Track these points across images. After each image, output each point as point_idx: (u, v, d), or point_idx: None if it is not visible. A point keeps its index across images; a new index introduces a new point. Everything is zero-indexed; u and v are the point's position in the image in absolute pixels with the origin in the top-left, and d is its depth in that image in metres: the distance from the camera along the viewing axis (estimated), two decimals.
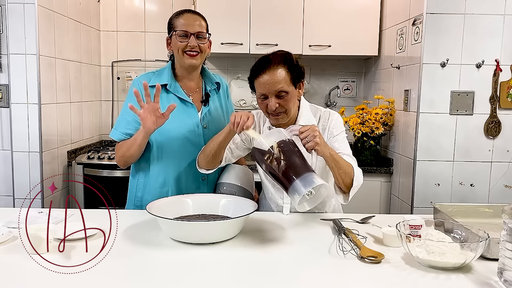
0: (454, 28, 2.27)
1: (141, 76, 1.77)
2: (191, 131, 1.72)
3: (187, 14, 1.70)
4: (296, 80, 1.57)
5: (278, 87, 1.51)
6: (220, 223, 1.36)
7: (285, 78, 1.52)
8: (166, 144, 1.71)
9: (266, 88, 1.52)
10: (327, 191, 1.37)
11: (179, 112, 1.68)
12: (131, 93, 1.66)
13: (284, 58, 1.55)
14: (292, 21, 2.90)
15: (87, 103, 3.09)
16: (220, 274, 1.14)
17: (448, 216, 1.46)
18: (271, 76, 1.51)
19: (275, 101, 1.53)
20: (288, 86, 1.53)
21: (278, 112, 1.55)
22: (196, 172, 1.71)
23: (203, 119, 1.74)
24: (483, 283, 1.09)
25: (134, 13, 3.24)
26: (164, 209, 1.42)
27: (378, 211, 2.74)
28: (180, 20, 1.68)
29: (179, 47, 1.67)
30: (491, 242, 1.20)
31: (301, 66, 1.60)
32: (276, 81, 1.51)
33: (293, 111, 1.61)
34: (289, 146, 1.37)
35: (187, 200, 1.57)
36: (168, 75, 1.73)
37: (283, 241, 1.39)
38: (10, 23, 2.34)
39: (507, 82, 2.30)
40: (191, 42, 1.66)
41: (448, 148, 2.35)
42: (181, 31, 1.66)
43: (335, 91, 3.35)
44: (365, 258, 1.21)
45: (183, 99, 1.73)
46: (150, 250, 1.29)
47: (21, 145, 2.42)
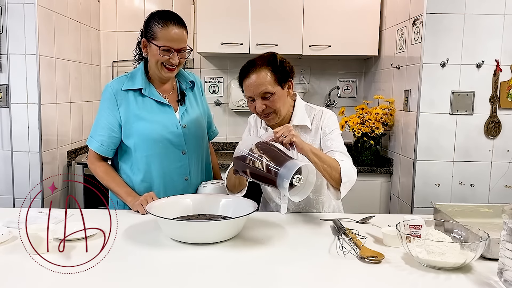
0: (454, 28, 2.27)
1: (113, 81, 1.72)
2: (171, 133, 1.68)
3: (172, 27, 1.59)
4: (282, 80, 1.58)
5: (262, 89, 1.54)
6: (220, 223, 1.35)
7: (269, 80, 1.55)
8: (148, 148, 1.67)
9: (251, 90, 1.56)
10: (314, 176, 1.37)
11: (156, 115, 1.67)
12: (105, 99, 1.67)
13: (267, 60, 1.58)
14: (292, 21, 2.90)
15: (87, 103, 3.09)
16: (220, 274, 1.14)
17: (448, 216, 1.46)
18: (255, 78, 1.55)
19: (261, 102, 1.56)
20: (273, 87, 1.55)
21: (267, 113, 1.58)
22: (179, 173, 1.71)
23: (182, 119, 1.72)
24: (483, 283, 1.09)
25: (134, 13, 3.24)
26: (164, 209, 1.43)
27: (378, 211, 2.74)
28: (164, 33, 1.58)
29: (159, 60, 1.61)
30: (491, 242, 1.20)
31: (287, 66, 1.60)
32: (260, 83, 1.54)
33: (284, 111, 1.62)
34: (267, 145, 1.39)
35: (187, 200, 1.57)
36: (141, 78, 1.68)
37: (283, 241, 1.39)
38: (10, 23, 2.34)
39: (507, 82, 2.30)
40: (174, 58, 1.61)
41: (448, 148, 2.35)
42: (165, 46, 1.58)
43: (335, 91, 3.35)
44: (365, 258, 1.21)
45: (159, 101, 1.69)
46: (150, 250, 1.29)
47: (21, 145, 2.42)
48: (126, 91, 1.67)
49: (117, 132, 1.68)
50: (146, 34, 1.63)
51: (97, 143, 1.69)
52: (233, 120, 3.35)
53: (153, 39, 1.60)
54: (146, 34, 1.63)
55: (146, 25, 1.64)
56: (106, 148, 1.69)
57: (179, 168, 1.71)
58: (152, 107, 1.68)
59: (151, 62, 1.65)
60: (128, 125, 1.66)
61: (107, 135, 1.67)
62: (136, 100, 1.67)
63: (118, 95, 1.66)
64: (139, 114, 1.66)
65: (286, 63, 1.60)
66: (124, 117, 1.66)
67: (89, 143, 1.72)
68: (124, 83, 1.68)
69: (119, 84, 1.68)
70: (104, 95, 1.69)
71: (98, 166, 1.71)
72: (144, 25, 1.66)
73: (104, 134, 1.67)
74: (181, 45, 1.62)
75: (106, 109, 1.67)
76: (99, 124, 1.69)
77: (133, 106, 1.66)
